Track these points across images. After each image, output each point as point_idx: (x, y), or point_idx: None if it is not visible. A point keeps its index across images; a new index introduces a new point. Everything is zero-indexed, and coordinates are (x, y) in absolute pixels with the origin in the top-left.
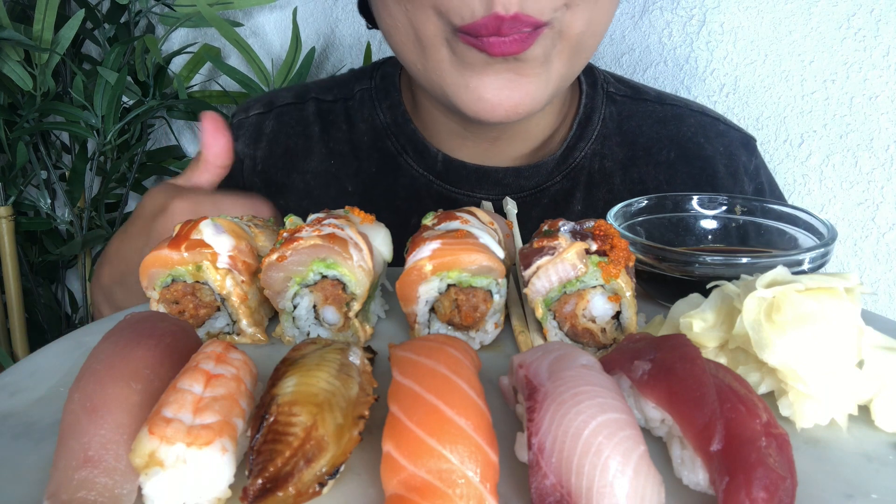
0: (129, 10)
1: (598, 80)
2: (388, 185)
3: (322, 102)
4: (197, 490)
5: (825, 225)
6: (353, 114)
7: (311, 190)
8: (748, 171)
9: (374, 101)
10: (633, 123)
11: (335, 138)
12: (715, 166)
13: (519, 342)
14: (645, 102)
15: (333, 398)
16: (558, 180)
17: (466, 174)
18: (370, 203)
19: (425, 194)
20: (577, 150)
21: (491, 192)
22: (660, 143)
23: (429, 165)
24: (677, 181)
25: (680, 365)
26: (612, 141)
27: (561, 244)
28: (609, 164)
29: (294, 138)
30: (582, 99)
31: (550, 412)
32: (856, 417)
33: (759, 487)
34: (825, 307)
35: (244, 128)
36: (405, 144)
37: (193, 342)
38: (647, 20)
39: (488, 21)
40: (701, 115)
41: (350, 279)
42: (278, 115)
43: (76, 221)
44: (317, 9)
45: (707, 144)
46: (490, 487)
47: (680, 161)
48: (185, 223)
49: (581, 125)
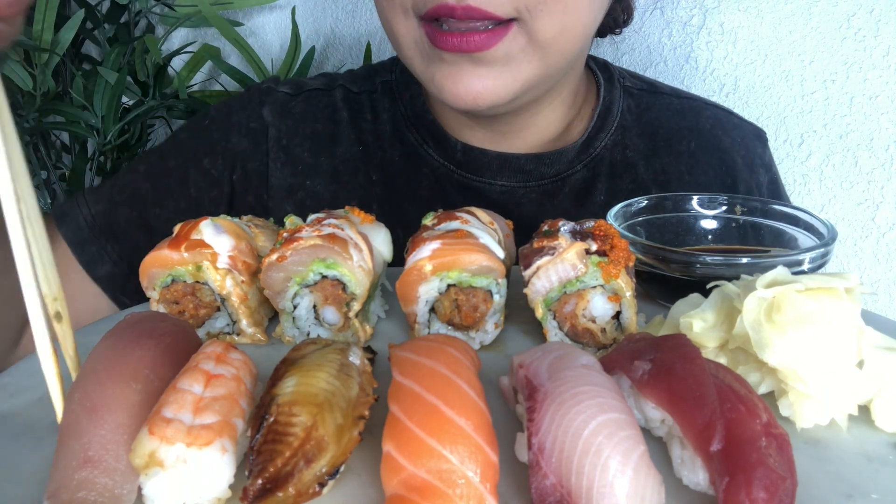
0: (129, 10)
1: (614, 75)
2: (411, 176)
3: (349, 92)
4: (197, 490)
5: (825, 225)
6: (377, 105)
7: (340, 175)
8: (763, 162)
9: (395, 93)
10: (653, 115)
11: (361, 127)
12: (734, 157)
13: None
14: (662, 95)
15: (333, 398)
16: (579, 169)
17: (487, 162)
18: (394, 193)
19: (447, 183)
20: (598, 139)
21: (512, 179)
22: (679, 133)
23: (449, 155)
24: (698, 171)
25: (680, 365)
26: (632, 132)
27: (561, 244)
28: (631, 155)
29: (323, 122)
30: (601, 92)
31: (550, 412)
32: (856, 417)
33: (759, 487)
34: (825, 307)
35: (272, 95)
36: (425, 135)
37: (193, 342)
38: (647, 20)
39: (440, 7)
40: (715, 108)
41: (350, 279)
42: (307, 98)
43: None
44: (317, 9)
45: (724, 136)
46: (490, 487)
47: (700, 151)
48: (185, 223)
49: (601, 116)
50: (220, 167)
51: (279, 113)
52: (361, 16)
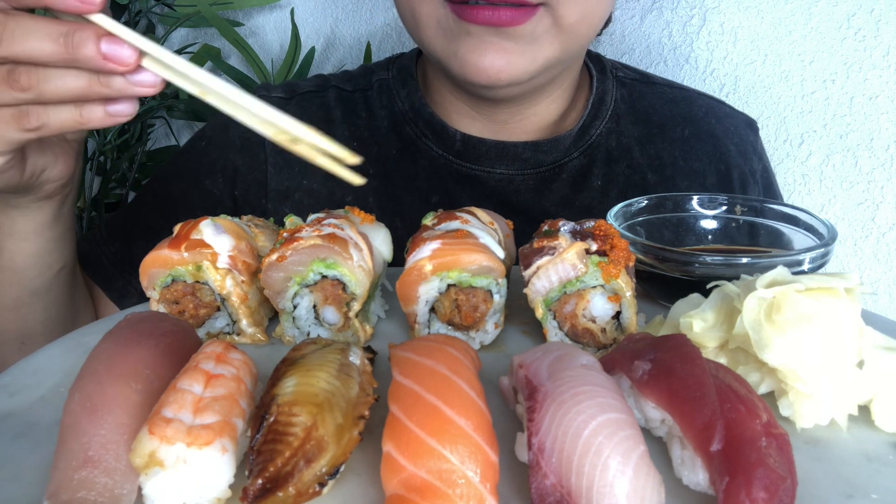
0: (129, 10)
1: (606, 66)
2: (408, 168)
3: (342, 91)
4: (197, 490)
5: (825, 225)
6: (372, 103)
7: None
8: (756, 150)
9: (392, 90)
10: (646, 103)
11: (355, 124)
12: (727, 145)
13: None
14: (654, 85)
15: (333, 398)
16: (576, 156)
17: (486, 150)
18: (390, 185)
19: (445, 173)
20: (593, 127)
21: (510, 167)
22: (673, 120)
23: (447, 146)
24: (692, 157)
25: (680, 365)
26: (626, 120)
27: (561, 244)
28: (626, 141)
29: (316, 122)
30: (593, 82)
31: (550, 412)
32: (856, 417)
33: (759, 487)
34: (825, 307)
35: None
36: (423, 128)
37: (193, 342)
38: (647, 20)
39: None
40: (707, 97)
41: (350, 279)
42: (300, 102)
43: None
44: (317, 9)
45: (717, 124)
46: (490, 487)
47: (694, 138)
48: (185, 223)
49: (595, 105)
50: (220, 185)
51: None
52: (361, 16)
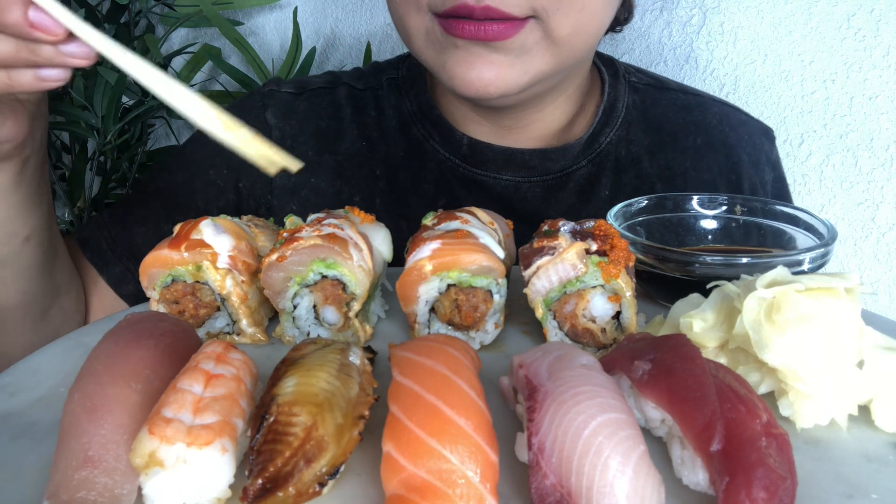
0: (130, 10)
1: (619, 70)
2: (416, 170)
3: (353, 89)
4: (197, 490)
5: (825, 225)
6: (382, 101)
7: (344, 170)
8: (770, 160)
9: (401, 90)
10: (658, 111)
11: (365, 123)
12: (739, 154)
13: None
14: (668, 91)
15: (333, 398)
16: (584, 165)
17: (493, 156)
18: (398, 187)
19: (452, 177)
20: (603, 135)
21: (517, 174)
22: (685, 129)
23: (454, 149)
24: (703, 167)
25: (680, 365)
26: (637, 127)
27: (561, 244)
28: (636, 150)
29: (326, 119)
30: (605, 88)
31: (550, 412)
32: (856, 417)
33: (759, 487)
34: (825, 307)
35: (275, 98)
36: (431, 130)
37: (193, 342)
38: (647, 20)
39: (458, 8)
40: (722, 104)
41: (350, 279)
42: (310, 97)
43: (76, 222)
44: (317, 9)
45: (731, 133)
46: (490, 487)
47: (706, 147)
48: (185, 223)
49: (606, 112)
50: (225, 176)
51: (283, 114)
52: (362, 16)
